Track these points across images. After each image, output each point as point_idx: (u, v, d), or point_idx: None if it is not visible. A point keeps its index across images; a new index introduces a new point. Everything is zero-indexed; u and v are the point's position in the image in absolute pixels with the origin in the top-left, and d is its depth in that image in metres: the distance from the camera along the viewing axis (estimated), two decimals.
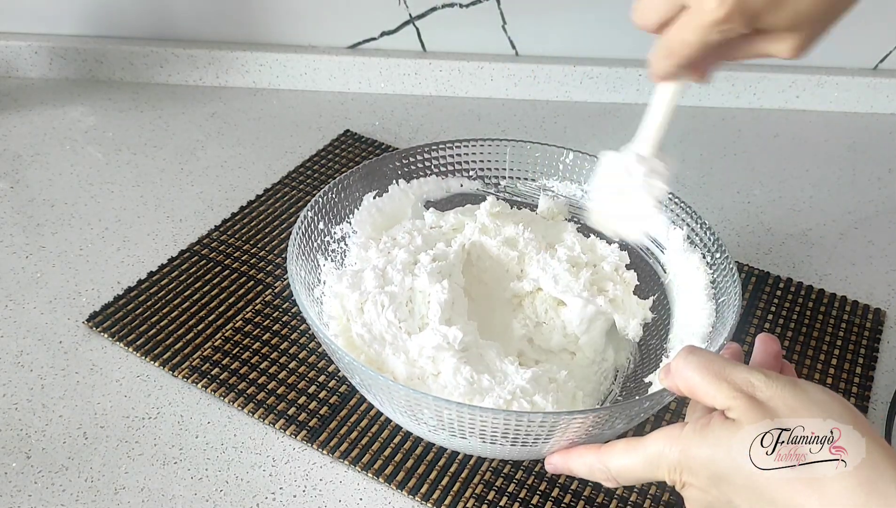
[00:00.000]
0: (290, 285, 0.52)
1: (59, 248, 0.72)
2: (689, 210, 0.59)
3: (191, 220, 0.76)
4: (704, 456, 0.37)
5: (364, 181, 0.63)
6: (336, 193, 0.61)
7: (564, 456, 0.45)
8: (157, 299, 0.66)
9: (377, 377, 0.46)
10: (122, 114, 0.92)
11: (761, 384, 0.37)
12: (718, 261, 0.56)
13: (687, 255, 0.59)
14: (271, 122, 0.93)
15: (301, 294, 0.52)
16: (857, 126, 0.97)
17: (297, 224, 0.56)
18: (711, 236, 0.57)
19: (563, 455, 0.45)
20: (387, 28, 0.97)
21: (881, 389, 0.63)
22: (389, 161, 0.64)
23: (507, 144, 0.66)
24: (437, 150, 0.65)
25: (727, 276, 0.55)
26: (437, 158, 0.65)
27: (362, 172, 0.63)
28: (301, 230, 0.57)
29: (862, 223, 0.81)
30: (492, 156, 0.66)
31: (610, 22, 0.96)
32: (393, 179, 0.64)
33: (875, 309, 0.70)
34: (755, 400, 0.36)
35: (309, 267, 0.57)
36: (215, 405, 0.58)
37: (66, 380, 0.60)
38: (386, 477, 0.54)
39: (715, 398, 0.37)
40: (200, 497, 0.52)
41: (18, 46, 0.95)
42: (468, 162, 0.66)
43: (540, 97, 0.99)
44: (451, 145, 0.65)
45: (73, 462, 0.54)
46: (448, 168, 0.66)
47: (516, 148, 0.66)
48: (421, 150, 0.65)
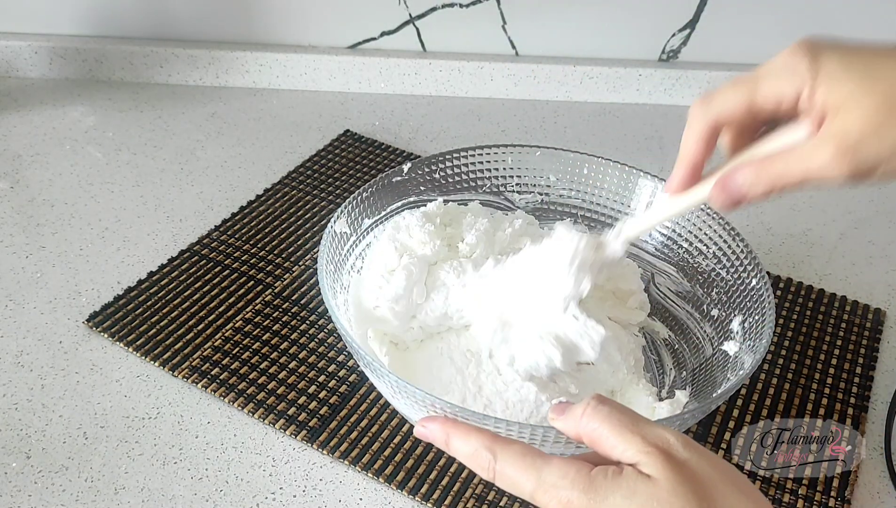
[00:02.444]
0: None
1: (59, 248, 0.72)
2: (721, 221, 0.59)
3: (191, 220, 0.76)
4: (615, 507, 0.33)
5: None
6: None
7: (446, 428, 0.40)
8: (157, 299, 0.66)
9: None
10: (122, 114, 0.92)
11: (679, 445, 0.34)
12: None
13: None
14: (271, 122, 0.93)
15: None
16: None
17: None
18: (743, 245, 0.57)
19: (444, 427, 0.40)
20: (387, 28, 0.97)
21: (881, 389, 0.63)
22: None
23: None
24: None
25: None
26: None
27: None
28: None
29: (862, 223, 0.81)
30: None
31: (610, 22, 0.96)
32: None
33: (875, 309, 0.70)
34: (672, 458, 0.33)
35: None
36: (215, 405, 0.58)
37: (66, 380, 0.60)
38: (386, 477, 0.54)
39: (624, 451, 0.34)
40: (200, 497, 0.52)
41: (18, 46, 0.95)
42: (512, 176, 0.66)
43: (540, 97, 0.99)
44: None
45: (73, 462, 0.54)
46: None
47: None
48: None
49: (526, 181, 0.66)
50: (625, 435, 0.35)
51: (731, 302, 0.56)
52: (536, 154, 0.65)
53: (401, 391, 0.46)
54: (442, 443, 0.41)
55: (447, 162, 0.64)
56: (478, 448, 0.38)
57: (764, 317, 0.51)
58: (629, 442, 0.34)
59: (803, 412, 0.60)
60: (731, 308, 0.56)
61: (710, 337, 0.57)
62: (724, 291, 0.57)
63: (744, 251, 0.56)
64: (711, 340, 0.57)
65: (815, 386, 0.62)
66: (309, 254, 0.72)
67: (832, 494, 0.54)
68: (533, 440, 0.43)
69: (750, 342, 0.52)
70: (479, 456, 0.38)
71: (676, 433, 0.35)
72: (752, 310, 0.54)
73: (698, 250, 0.60)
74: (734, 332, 0.55)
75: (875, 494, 0.55)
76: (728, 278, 0.57)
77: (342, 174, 0.83)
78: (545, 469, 0.35)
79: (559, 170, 0.65)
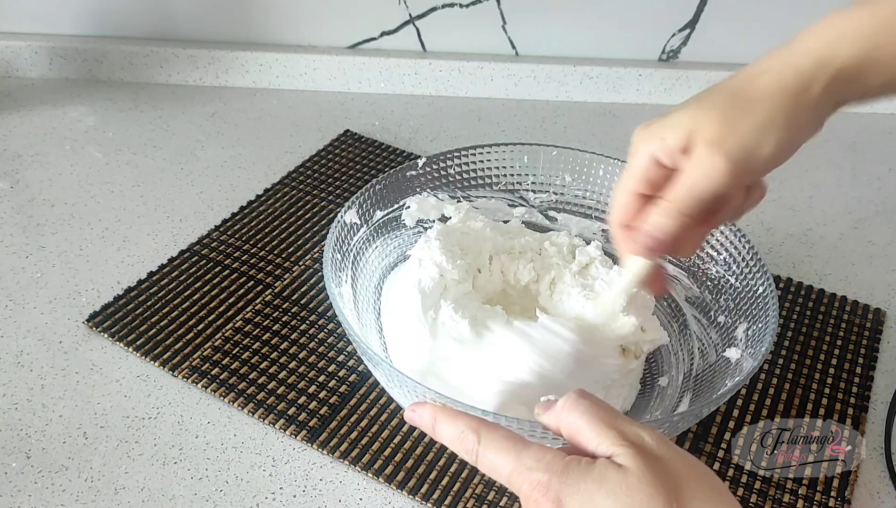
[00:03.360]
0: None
1: (59, 248, 0.72)
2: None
3: (191, 220, 0.76)
4: (585, 491, 0.34)
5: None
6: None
7: (434, 412, 0.41)
8: (157, 299, 0.66)
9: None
10: (122, 114, 0.92)
11: (653, 443, 0.35)
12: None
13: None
14: (271, 122, 0.93)
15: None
16: (857, 126, 0.97)
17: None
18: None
19: (432, 411, 0.41)
20: (387, 28, 0.97)
21: (881, 389, 0.63)
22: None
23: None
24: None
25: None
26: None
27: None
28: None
29: (862, 223, 0.81)
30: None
31: (610, 22, 0.96)
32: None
33: (875, 309, 0.70)
34: (646, 453, 0.34)
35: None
36: (215, 405, 0.58)
37: (66, 380, 0.60)
38: (386, 477, 0.54)
39: (600, 444, 0.35)
40: (200, 497, 0.52)
41: (18, 46, 0.95)
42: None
43: (540, 97, 0.99)
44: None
45: (73, 462, 0.54)
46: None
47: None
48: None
49: (541, 180, 0.65)
50: (601, 429, 0.36)
51: (739, 309, 0.56)
52: (553, 154, 0.64)
53: (393, 379, 0.46)
54: (429, 427, 0.41)
55: (463, 158, 0.64)
56: (464, 430, 0.39)
57: (767, 324, 0.51)
58: (605, 436, 0.35)
59: (803, 412, 0.60)
60: (737, 315, 0.56)
61: (714, 343, 0.57)
62: (732, 297, 0.57)
63: (753, 259, 0.56)
64: (716, 346, 0.57)
65: (815, 386, 0.62)
66: (309, 254, 0.72)
67: (832, 494, 0.54)
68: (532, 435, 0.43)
69: (751, 349, 0.52)
70: (464, 439, 0.39)
71: (652, 432, 0.36)
72: (757, 317, 0.54)
73: (710, 257, 0.59)
74: (738, 339, 0.55)
75: (875, 494, 0.55)
76: (737, 284, 0.57)
77: (342, 174, 0.83)
78: (524, 452, 0.36)
79: (575, 170, 0.64)
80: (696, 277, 0.60)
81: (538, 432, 0.42)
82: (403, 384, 0.46)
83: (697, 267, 0.60)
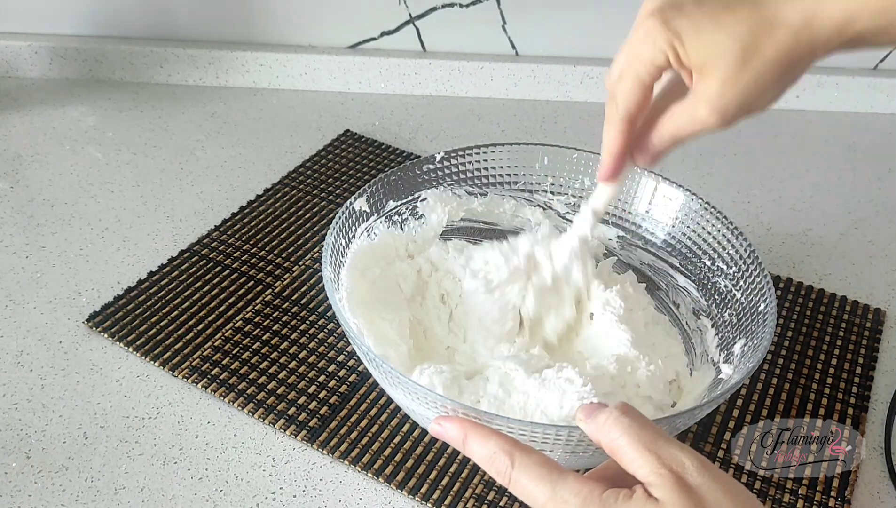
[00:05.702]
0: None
1: (59, 248, 0.72)
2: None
3: (191, 220, 0.76)
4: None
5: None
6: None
7: (464, 428, 0.40)
8: (157, 299, 0.66)
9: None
10: (122, 114, 0.92)
11: (693, 469, 0.34)
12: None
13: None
14: (271, 122, 0.93)
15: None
16: (857, 126, 0.97)
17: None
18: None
19: (462, 427, 0.40)
20: (387, 28, 0.97)
21: (881, 389, 0.63)
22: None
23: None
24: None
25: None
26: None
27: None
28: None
29: (862, 223, 0.81)
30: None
31: (610, 22, 0.95)
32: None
33: (875, 309, 0.70)
34: (684, 483, 0.34)
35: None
36: (215, 405, 0.58)
37: (66, 380, 0.60)
38: (386, 477, 0.54)
39: (639, 468, 0.35)
40: (200, 497, 0.52)
41: (18, 46, 0.95)
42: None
43: (540, 97, 0.99)
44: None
45: (73, 462, 0.54)
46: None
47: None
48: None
49: (561, 182, 0.65)
50: (641, 452, 0.35)
51: (740, 325, 0.55)
52: (573, 156, 0.64)
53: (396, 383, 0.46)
54: (459, 443, 0.41)
55: (482, 155, 0.64)
56: (496, 452, 0.38)
57: (762, 341, 0.51)
58: (644, 459, 0.35)
59: (803, 412, 0.60)
60: (738, 331, 0.55)
61: (711, 359, 0.57)
62: (736, 312, 0.57)
63: (760, 274, 0.55)
64: (713, 362, 0.57)
65: (815, 386, 0.62)
66: (309, 254, 0.72)
67: (832, 494, 0.54)
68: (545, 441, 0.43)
69: (741, 366, 0.52)
70: (496, 460, 0.38)
71: (693, 456, 0.35)
72: (754, 334, 0.53)
73: (720, 269, 0.59)
74: (734, 355, 0.54)
75: (875, 494, 0.55)
76: (742, 299, 0.56)
77: (342, 174, 0.83)
78: (560, 482, 0.36)
79: (595, 174, 0.64)
80: (706, 289, 0.60)
81: (574, 439, 0.42)
82: (412, 391, 0.46)
83: (707, 278, 0.60)
